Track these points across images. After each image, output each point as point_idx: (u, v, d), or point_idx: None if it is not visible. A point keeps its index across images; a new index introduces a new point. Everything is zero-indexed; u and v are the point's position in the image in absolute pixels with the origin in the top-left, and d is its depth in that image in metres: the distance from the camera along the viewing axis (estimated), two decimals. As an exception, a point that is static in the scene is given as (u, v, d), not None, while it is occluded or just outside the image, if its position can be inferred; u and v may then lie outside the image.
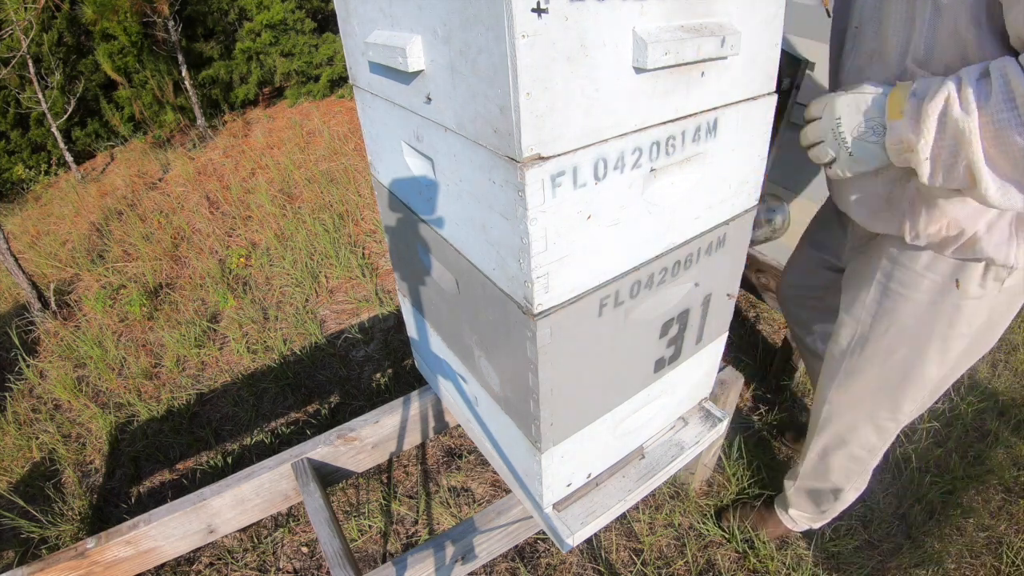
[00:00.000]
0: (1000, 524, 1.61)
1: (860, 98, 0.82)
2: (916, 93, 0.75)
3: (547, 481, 0.95)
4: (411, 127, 0.82)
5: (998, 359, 2.21)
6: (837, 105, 0.85)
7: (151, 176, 4.57)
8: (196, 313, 2.77)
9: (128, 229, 3.67)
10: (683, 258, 0.86)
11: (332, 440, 1.34)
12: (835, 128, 0.85)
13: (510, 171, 0.62)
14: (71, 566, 1.17)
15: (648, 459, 1.12)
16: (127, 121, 5.43)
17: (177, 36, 4.85)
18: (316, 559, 1.66)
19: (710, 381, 1.21)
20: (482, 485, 1.80)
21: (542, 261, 0.68)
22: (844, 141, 0.85)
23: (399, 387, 2.18)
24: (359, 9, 0.82)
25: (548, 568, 1.55)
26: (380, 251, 3.08)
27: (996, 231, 0.87)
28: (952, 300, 0.97)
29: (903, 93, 0.77)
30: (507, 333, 0.81)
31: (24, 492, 1.97)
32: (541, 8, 0.52)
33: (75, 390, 2.39)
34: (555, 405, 0.83)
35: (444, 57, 0.65)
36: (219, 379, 2.37)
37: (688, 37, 0.63)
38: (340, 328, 2.56)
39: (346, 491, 1.81)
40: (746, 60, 0.73)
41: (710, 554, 1.57)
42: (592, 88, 0.60)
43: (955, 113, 0.70)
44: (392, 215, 1.08)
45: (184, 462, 2.03)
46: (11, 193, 5.26)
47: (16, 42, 4.41)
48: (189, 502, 1.24)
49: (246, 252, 3.22)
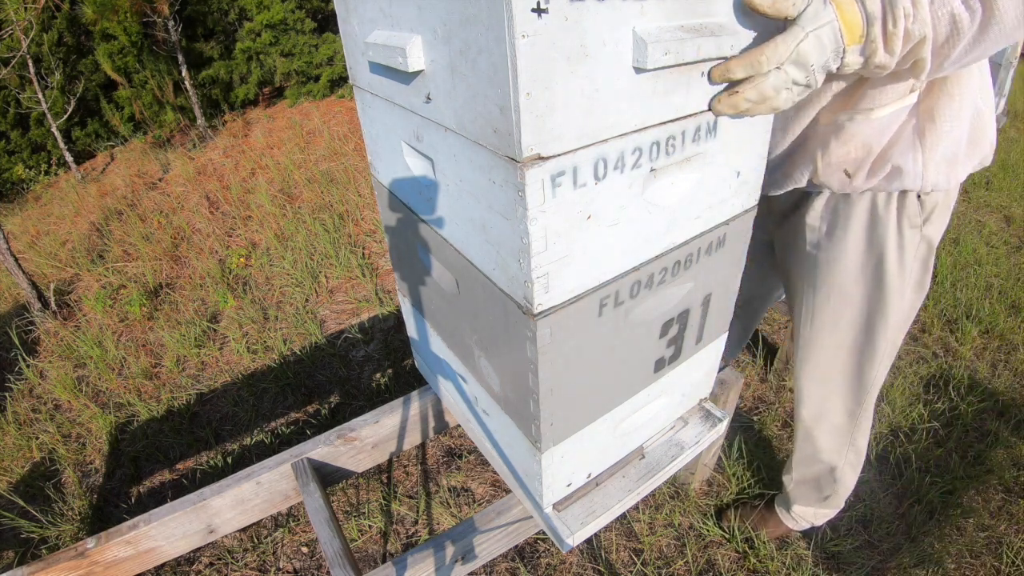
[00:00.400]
0: (1000, 524, 1.61)
1: (819, 34, 0.68)
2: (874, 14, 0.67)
3: (547, 481, 0.95)
4: (411, 127, 0.82)
5: (998, 359, 2.21)
6: (805, 53, 0.68)
7: (151, 176, 4.57)
8: (196, 313, 2.77)
9: (128, 229, 3.67)
10: (683, 258, 0.86)
11: (332, 440, 1.34)
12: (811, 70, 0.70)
13: (510, 171, 0.62)
14: (71, 566, 1.17)
15: (648, 459, 1.12)
16: (127, 121, 5.43)
17: (177, 36, 4.85)
18: (316, 559, 1.66)
19: (710, 381, 1.21)
20: (482, 485, 1.80)
21: (542, 261, 0.68)
22: (814, 79, 0.70)
23: (399, 387, 2.18)
24: (359, 9, 0.82)
25: (548, 568, 1.55)
26: (380, 251, 3.08)
27: (901, 142, 0.92)
28: (875, 256, 1.03)
29: (855, 15, 0.68)
30: (507, 333, 0.81)
31: (24, 492, 1.97)
32: (541, 8, 0.52)
33: (75, 390, 2.39)
34: (555, 405, 0.83)
35: (444, 57, 0.65)
36: (219, 379, 2.37)
37: (688, 37, 0.63)
38: (340, 328, 2.56)
39: (346, 491, 1.81)
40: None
41: (710, 554, 1.57)
42: (592, 88, 0.60)
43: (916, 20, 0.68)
44: (392, 215, 1.08)
45: (184, 462, 2.03)
46: (11, 193, 5.26)
47: (16, 42, 4.41)
48: (189, 502, 1.24)
49: (246, 252, 3.22)
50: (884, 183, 0.97)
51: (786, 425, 1.90)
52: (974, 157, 0.97)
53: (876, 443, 1.85)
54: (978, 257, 2.81)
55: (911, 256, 1.03)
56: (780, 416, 1.93)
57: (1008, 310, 2.44)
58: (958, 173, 0.96)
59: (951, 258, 2.77)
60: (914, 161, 0.93)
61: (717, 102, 0.71)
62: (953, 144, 0.92)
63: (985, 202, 3.45)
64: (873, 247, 1.04)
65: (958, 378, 2.08)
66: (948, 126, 0.91)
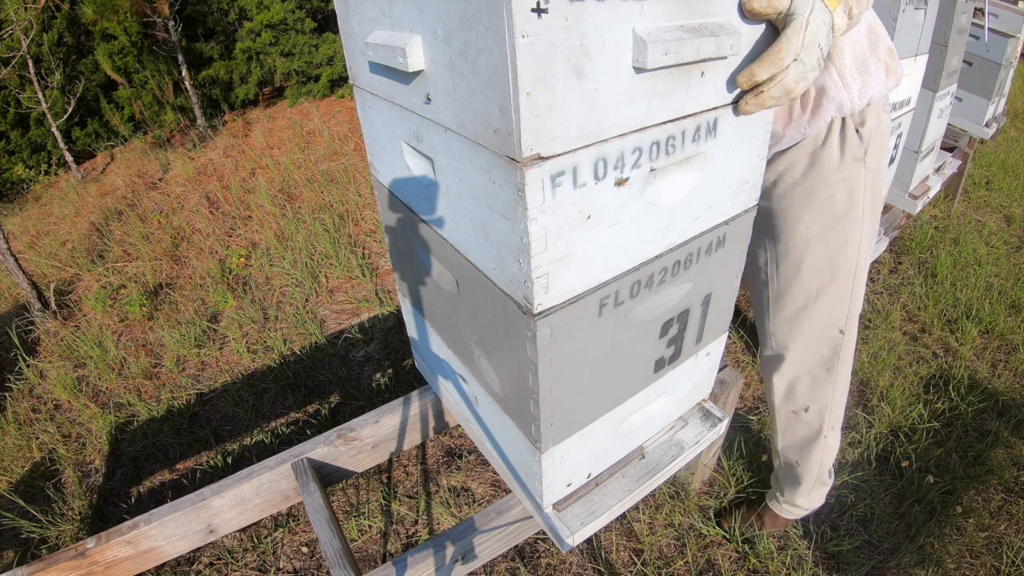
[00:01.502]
0: (1000, 524, 1.61)
1: (817, 14, 0.70)
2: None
3: (547, 481, 0.95)
4: (411, 127, 0.82)
5: (998, 359, 2.21)
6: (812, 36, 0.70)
7: (151, 176, 4.57)
8: (196, 313, 2.77)
9: (128, 229, 3.67)
10: (683, 258, 0.86)
11: (332, 440, 1.34)
12: (820, 56, 0.73)
13: (510, 171, 0.62)
14: (71, 566, 1.17)
15: (648, 459, 1.12)
16: (127, 121, 5.43)
17: (177, 36, 4.85)
18: (316, 559, 1.66)
19: (710, 381, 1.21)
20: (482, 485, 1.80)
21: (542, 261, 0.68)
22: (823, 57, 0.73)
23: (399, 387, 2.18)
24: (359, 9, 0.82)
25: (548, 568, 1.55)
26: (380, 251, 3.08)
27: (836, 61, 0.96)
28: (825, 196, 1.07)
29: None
30: (507, 333, 0.81)
31: (24, 492, 1.97)
32: (541, 8, 0.52)
33: (75, 390, 2.39)
34: (555, 405, 0.83)
35: (444, 57, 0.65)
36: (219, 379, 2.37)
37: (688, 37, 0.63)
38: (340, 328, 2.56)
39: (346, 491, 1.81)
40: (746, 60, 0.73)
41: (710, 554, 1.57)
42: (592, 88, 0.60)
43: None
44: (392, 215, 1.08)
45: (184, 462, 2.03)
46: (11, 193, 5.26)
47: (16, 42, 4.41)
48: (189, 502, 1.24)
49: (246, 252, 3.22)
50: (817, 115, 1.00)
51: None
52: (880, 65, 1.00)
53: (876, 443, 1.85)
54: (978, 257, 2.81)
55: (860, 189, 1.06)
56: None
57: (1008, 310, 2.44)
58: (875, 83, 0.99)
59: (951, 258, 2.77)
60: (830, 75, 0.96)
61: (745, 103, 0.74)
62: (855, 48, 0.96)
63: (985, 202, 3.45)
64: (821, 188, 1.07)
65: (958, 378, 2.08)
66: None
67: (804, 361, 1.27)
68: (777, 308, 1.24)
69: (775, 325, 1.26)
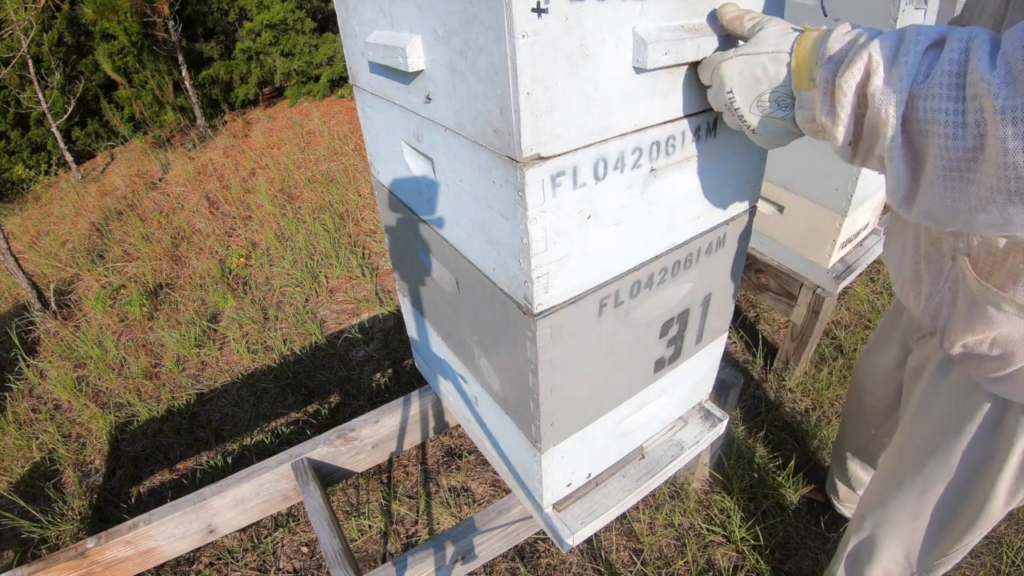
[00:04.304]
0: (1000, 524, 1.61)
1: (754, 62, 0.58)
2: (832, 58, 0.53)
3: (547, 481, 0.95)
4: (411, 127, 0.82)
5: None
6: (725, 75, 0.61)
7: (151, 176, 4.57)
8: (196, 313, 2.77)
9: (128, 229, 3.67)
10: (683, 258, 0.86)
11: (332, 440, 1.34)
12: (728, 104, 0.62)
13: (510, 171, 0.62)
14: (71, 566, 1.17)
15: (648, 459, 1.12)
16: (127, 121, 5.43)
17: (177, 36, 4.85)
18: (316, 559, 1.66)
19: (710, 381, 1.21)
20: (482, 485, 1.80)
21: (542, 261, 0.67)
22: (743, 120, 0.62)
23: (399, 387, 2.18)
24: (359, 9, 0.82)
25: (548, 568, 1.55)
26: (380, 251, 3.08)
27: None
28: (990, 450, 0.83)
29: (812, 53, 0.54)
30: (507, 333, 0.81)
31: (24, 492, 1.97)
32: (541, 8, 0.52)
33: (75, 390, 2.38)
34: (555, 405, 0.83)
35: (444, 57, 0.65)
36: (219, 379, 2.37)
37: (688, 37, 0.63)
38: (340, 328, 2.55)
39: (346, 491, 1.81)
40: (746, 60, 0.73)
41: (710, 554, 1.57)
42: (592, 88, 0.60)
43: (874, 89, 0.50)
44: (392, 215, 1.08)
45: (184, 462, 2.03)
46: (11, 193, 5.26)
47: (16, 42, 4.41)
48: (189, 502, 1.24)
49: (246, 252, 3.22)
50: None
51: (786, 425, 1.90)
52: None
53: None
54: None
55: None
56: (780, 416, 1.93)
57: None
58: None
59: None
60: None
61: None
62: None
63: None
64: (993, 441, 0.83)
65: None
66: None
67: (879, 547, 1.09)
68: (880, 481, 1.06)
69: (866, 496, 1.10)
